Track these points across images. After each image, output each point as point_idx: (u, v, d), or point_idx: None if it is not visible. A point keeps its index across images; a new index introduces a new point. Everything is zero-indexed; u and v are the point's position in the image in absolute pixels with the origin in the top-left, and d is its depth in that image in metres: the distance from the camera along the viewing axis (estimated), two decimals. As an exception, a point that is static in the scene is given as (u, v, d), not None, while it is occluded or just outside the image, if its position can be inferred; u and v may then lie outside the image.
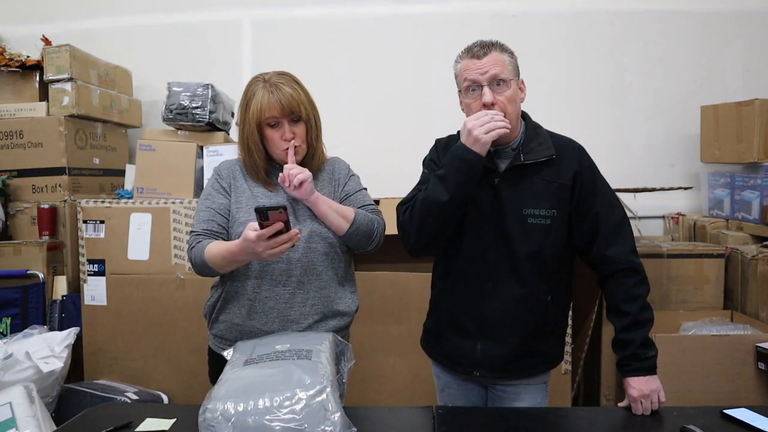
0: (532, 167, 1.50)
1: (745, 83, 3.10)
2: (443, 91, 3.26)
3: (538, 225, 1.50)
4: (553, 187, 1.50)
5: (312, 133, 1.61)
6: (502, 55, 1.48)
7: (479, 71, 1.46)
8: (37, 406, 2.14)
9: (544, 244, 1.50)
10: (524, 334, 1.54)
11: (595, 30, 3.19)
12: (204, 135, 2.73)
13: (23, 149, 2.75)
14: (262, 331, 1.55)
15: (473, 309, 1.56)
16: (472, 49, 1.50)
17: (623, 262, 1.50)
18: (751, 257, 2.42)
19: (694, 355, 2.19)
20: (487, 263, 1.53)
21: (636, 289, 1.50)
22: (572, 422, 1.44)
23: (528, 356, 1.56)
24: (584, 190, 1.51)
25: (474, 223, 1.54)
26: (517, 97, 1.50)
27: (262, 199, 1.59)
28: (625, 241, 1.52)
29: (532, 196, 1.50)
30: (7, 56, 2.80)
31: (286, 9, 3.32)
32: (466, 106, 1.54)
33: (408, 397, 2.46)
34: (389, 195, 2.58)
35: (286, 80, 1.57)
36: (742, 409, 1.42)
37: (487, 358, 1.56)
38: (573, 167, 1.51)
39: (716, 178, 2.94)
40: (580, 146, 1.58)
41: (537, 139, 1.53)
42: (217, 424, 1.14)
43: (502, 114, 1.45)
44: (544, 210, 1.50)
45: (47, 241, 2.66)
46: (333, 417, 1.15)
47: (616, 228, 1.52)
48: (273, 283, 1.55)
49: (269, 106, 1.53)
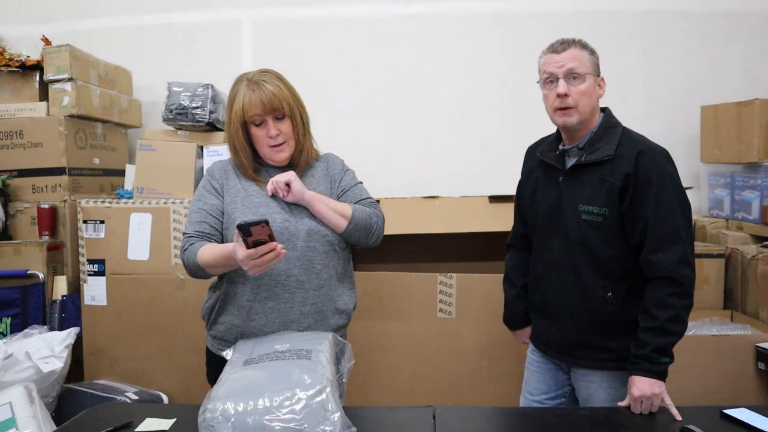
0: (592, 166, 1.58)
1: (745, 83, 3.10)
2: (443, 91, 3.28)
3: (591, 222, 1.57)
4: (606, 186, 1.55)
5: (298, 129, 1.60)
6: (581, 51, 1.58)
7: (557, 64, 1.56)
8: (37, 406, 2.14)
9: (596, 241, 1.57)
10: (584, 324, 1.62)
11: (595, 30, 3.18)
12: (204, 135, 2.73)
13: (23, 149, 2.75)
14: (263, 332, 1.55)
15: (544, 294, 1.70)
16: (554, 45, 1.60)
17: (667, 270, 1.49)
18: (751, 257, 2.42)
19: (694, 355, 2.18)
20: (552, 254, 1.66)
21: (671, 299, 1.48)
22: (572, 422, 1.44)
23: (592, 348, 1.62)
24: (637, 193, 1.52)
25: (542, 217, 1.70)
26: (594, 92, 1.58)
27: (256, 198, 1.58)
28: (676, 251, 1.49)
29: (588, 194, 1.58)
30: (7, 56, 2.79)
31: (286, 9, 3.31)
32: (544, 97, 1.63)
33: (408, 397, 2.46)
34: (389, 195, 2.58)
35: (268, 77, 1.56)
36: (742, 409, 1.42)
37: (556, 340, 1.69)
38: (627, 168, 1.53)
39: (716, 178, 2.93)
40: (649, 150, 1.55)
41: (606, 138, 1.59)
42: (217, 424, 1.14)
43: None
44: (596, 207, 1.56)
45: (47, 241, 2.66)
46: (333, 417, 1.15)
47: (666, 236, 1.50)
48: (272, 283, 1.55)
49: (251, 104, 1.53)
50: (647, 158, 1.53)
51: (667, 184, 1.53)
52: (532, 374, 1.80)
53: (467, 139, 3.19)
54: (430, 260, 2.71)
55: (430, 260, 2.71)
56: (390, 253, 2.59)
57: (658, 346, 1.47)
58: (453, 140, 3.23)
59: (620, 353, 1.58)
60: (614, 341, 1.59)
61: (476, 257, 2.74)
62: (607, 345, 1.59)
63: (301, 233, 1.55)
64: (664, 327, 1.47)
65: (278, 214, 1.57)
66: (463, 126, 3.22)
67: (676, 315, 1.47)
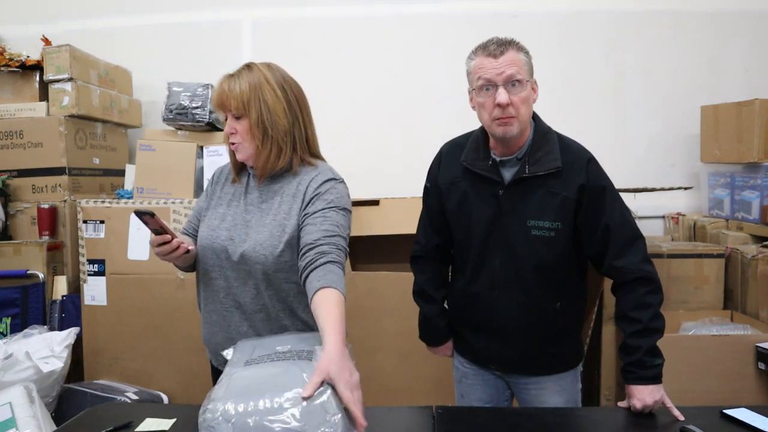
0: (537, 179, 1.48)
1: (745, 83, 3.10)
2: (443, 90, 3.27)
3: (543, 237, 1.49)
4: (558, 200, 1.48)
5: (253, 131, 1.45)
6: (518, 54, 1.43)
7: (495, 71, 1.41)
8: (37, 406, 2.14)
9: (548, 256, 1.50)
10: (533, 338, 1.57)
11: (595, 30, 3.18)
12: (204, 135, 2.73)
13: (23, 149, 2.75)
14: (211, 342, 1.58)
15: (482, 313, 1.60)
16: (488, 46, 1.44)
17: (635, 272, 1.48)
18: (751, 257, 2.42)
19: (694, 355, 2.18)
20: (492, 272, 1.55)
21: (648, 297, 1.47)
22: (572, 422, 1.44)
23: (541, 357, 1.59)
24: (591, 203, 1.48)
25: (479, 233, 1.55)
26: (530, 98, 1.47)
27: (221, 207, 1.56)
28: (637, 251, 1.49)
29: (537, 208, 1.49)
30: (7, 56, 2.80)
31: (286, 9, 3.32)
32: (478, 105, 1.48)
33: (408, 397, 2.46)
34: (389, 195, 2.58)
35: (238, 73, 1.49)
36: (742, 409, 1.41)
37: (500, 357, 1.61)
38: (579, 180, 1.47)
39: (716, 178, 2.93)
40: (590, 157, 1.52)
41: (545, 147, 1.50)
42: (217, 424, 1.14)
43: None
44: (548, 222, 1.48)
45: (47, 241, 2.66)
46: (334, 419, 1.14)
47: (627, 240, 1.49)
48: (214, 297, 1.53)
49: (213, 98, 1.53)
50: (594, 166, 1.51)
51: (613, 188, 1.52)
52: (470, 387, 1.70)
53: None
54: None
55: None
56: (390, 253, 2.59)
57: (648, 348, 1.45)
58: (453, 140, 3.23)
59: (566, 355, 1.62)
60: (560, 346, 1.60)
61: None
62: (554, 351, 1.59)
63: (236, 256, 1.47)
64: (649, 327, 1.46)
65: (225, 231, 1.51)
66: (463, 126, 3.21)
67: (655, 312, 1.47)
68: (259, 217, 1.50)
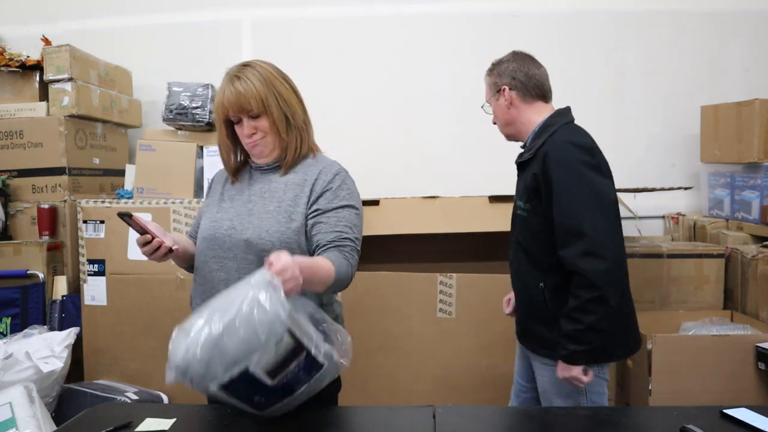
0: (523, 164, 1.73)
1: (745, 83, 3.10)
2: (444, 90, 3.27)
3: (520, 216, 1.73)
4: (524, 184, 1.71)
5: (278, 125, 1.47)
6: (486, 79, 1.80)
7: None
8: (37, 406, 2.14)
9: (524, 234, 1.71)
10: (523, 310, 1.78)
11: (595, 30, 3.19)
12: (204, 135, 2.73)
13: (23, 149, 2.75)
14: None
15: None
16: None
17: (571, 265, 1.56)
18: (751, 257, 2.42)
19: (694, 355, 2.18)
20: (510, 242, 1.83)
21: (577, 290, 1.56)
22: (572, 422, 1.44)
23: (530, 334, 1.75)
24: (545, 192, 1.62)
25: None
26: (500, 109, 1.78)
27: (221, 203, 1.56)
28: (577, 245, 1.55)
29: (521, 189, 1.75)
30: (7, 56, 2.80)
31: (286, 9, 3.32)
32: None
33: (408, 397, 2.46)
34: (389, 195, 2.58)
35: (245, 72, 1.47)
36: (742, 409, 1.42)
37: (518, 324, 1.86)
38: (535, 169, 1.64)
39: (716, 178, 2.94)
40: (551, 151, 1.61)
41: (540, 137, 1.68)
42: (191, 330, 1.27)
43: None
44: (522, 203, 1.71)
45: (47, 241, 2.66)
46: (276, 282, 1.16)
47: (569, 232, 1.56)
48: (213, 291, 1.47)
49: (222, 104, 1.47)
50: (550, 159, 1.60)
51: (573, 180, 1.58)
52: (517, 357, 1.94)
53: (467, 138, 3.18)
54: (430, 260, 2.71)
55: (430, 260, 2.71)
56: (390, 253, 2.59)
57: (567, 332, 1.57)
58: (453, 140, 3.24)
59: (552, 342, 1.66)
60: (543, 329, 1.68)
61: (476, 257, 2.74)
62: (540, 333, 1.69)
63: (240, 244, 1.46)
64: (570, 315, 1.56)
65: (228, 221, 1.50)
66: (463, 126, 3.22)
67: (580, 305, 1.54)
68: (262, 205, 1.49)
